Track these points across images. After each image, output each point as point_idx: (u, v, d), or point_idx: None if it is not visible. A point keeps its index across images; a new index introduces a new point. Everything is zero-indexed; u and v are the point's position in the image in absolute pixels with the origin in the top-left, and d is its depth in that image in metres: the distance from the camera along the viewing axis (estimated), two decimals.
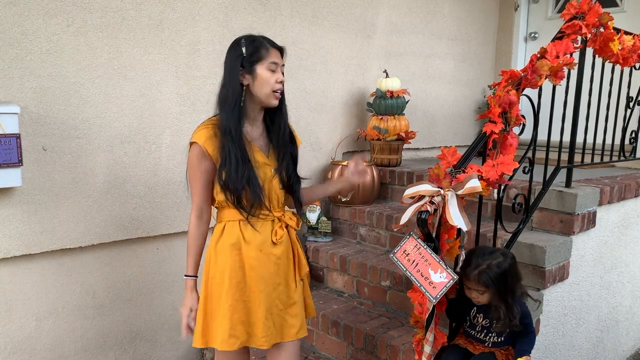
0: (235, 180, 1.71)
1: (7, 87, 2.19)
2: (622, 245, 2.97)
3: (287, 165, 1.83)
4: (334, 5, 3.33)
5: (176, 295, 2.86)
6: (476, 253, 1.86)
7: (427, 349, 1.83)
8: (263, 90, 1.75)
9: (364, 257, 2.89)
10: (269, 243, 1.82)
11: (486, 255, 1.82)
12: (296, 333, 1.88)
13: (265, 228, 1.82)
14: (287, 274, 1.87)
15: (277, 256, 1.83)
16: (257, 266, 1.80)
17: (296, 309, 1.89)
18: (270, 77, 1.74)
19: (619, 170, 3.47)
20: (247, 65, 1.75)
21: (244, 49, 1.76)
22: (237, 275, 1.79)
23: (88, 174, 2.45)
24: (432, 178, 1.84)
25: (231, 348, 1.78)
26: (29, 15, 2.21)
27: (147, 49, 2.56)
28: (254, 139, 1.82)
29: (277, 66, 1.76)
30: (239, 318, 1.79)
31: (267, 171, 1.80)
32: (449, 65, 4.20)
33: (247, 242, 1.79)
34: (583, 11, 2.29)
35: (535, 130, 2.29)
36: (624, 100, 2.94)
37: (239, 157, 1.72)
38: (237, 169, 1.71)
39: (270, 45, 1.77)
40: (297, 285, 1.90)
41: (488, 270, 1.78)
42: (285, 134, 1.85)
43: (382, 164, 3.48)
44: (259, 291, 1.80)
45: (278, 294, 1.84)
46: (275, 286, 1.83)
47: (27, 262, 2.36)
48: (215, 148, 1.74)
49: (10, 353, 2.36)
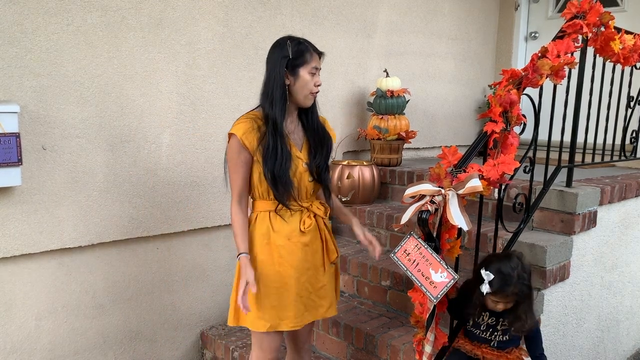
0: (279, 171, 1.85)
1: (7, 86, 2.19)
2: (623, 245, 2.97)
3: (319, 159, 1.96)
4: (334, 4, 3.33)
5: (176, 295, 2.85)
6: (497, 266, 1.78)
7: (427, 349, 1.83)
8: (303, 91, 1.90)
9: (364, 257, 2.88)
10: (297, 232, 1.95)
11: (504, 262, 1.80)
12: (324, 312, 2.04)
13: (294, 218, 1.96)
14: (315, 260, 1.99)
15: (305, 243, 1.96)
16: (286, 254, 1.93)
17: (324, 291, 2.03)
18: (310, 81, 1.90)
19: (619, 170, 3.46)
20: (291, 67, 1.87)
21: (290, 51, 1.87)
22: (266, 263, 1.93)
23: (88, 174, 2.44)
24: (433, 177, 1.83)
25: (260, 329, 1.94)
26: (28, 14, 2.20)
27: (147, 48, 2.55)
28: (290, 133, 1.95)
29: (317, 70, 1.91)
30: (269, 303, 1.93)
31: (299, 165, 1.93)
32: (450, 65, 4.19)
33: (275, 232, 1.94)
34: (584, 10, 2.29)
35: (536, 129, 2.28)
36: (624, 100, 2.94)
37: (281, 149, 1.86)
38: (280, 160, 1.85)
39: (313, 51, 1.92)
40: (327, 269, 2.03)
41: (519, 282, 1.77)
42: (319, 129, 2.00)
43: (382, 164, 3.47)
44: (288, 277, 1.94)
45: (307, 278, 1.98)
46: (304, 271, 1.96)
47: (26, 261, 2.35)
48: (254, 140, 1.86)
49: (9, 352, 2.35)
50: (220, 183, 2.88)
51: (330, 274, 2.07)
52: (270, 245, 1.94)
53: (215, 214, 2.89)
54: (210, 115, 2.81)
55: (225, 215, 2.93)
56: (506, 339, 1.86)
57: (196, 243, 2.89)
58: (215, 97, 2.83)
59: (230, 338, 2.84)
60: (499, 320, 1.85)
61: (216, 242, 2.97)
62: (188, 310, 2.92)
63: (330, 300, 2.06)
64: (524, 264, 1.82)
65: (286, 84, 1.88)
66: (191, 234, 2.85)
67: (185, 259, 2.86)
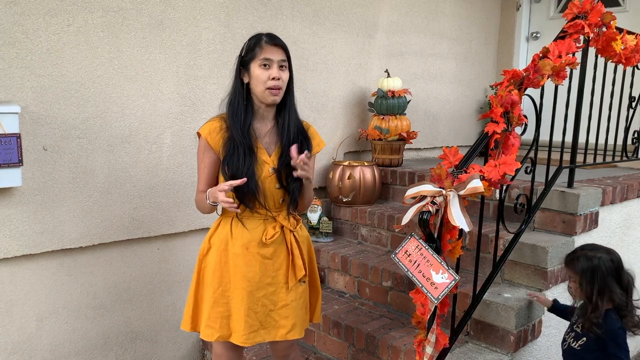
0: (240, 171, 1.74)
1: (8, 86, 2.19)
2: (625, 245, 2.96)
3: (289, 164, 1.76)
4: (335, 4, 3.33)
5: (176, 296, 2.85)
6: (582, 245, 1.95)
7: (428, 350, 1.82)
8: (258, 87, 1.77)
9: (365, 258, 2.88)
10: (257, 242, 1.82)
11: (587, 248, 1.90)
12: (285, 334, 1.87)
13: (257, 227, 1.83)
14: (278, 275, 1.85)
15: (265, 256, 1.83)
16: (240, 264, 1.82)
17: (288, 311, 1.87)
18: (262, 74, 1.75)
19: (621, 171, 3.46)
20: (244, 64, 1.79)
21: (243, 48, 1.80)
22: (220, 269, 1.83)
23: (88, 174, 2.44)
24: (434, 178, 1.83)
25: (208, 338, 1.84)
26: (29, 15, 2.20)
27: (147, 48, 2.55)
28: (261, 136, 1.84)
29: (272, 62, 1.75)
30: (219, 312, 1.83)
31: (264, 169, 1.81)
32: (451, 65, 4.19)
33: (233, 239, 1.82)
34: (585, 11, 2.28)
35: (538, 130, 2.28)
36: (626, 100, 2.93)
37: (244, 150, 1.75)
38: (243, 161, 1.74)
39: (266, 42, 1.77)
40: (292, 288, 1.87)
41: (579, 259, 1.84)
42: (291, 131, 1.84)
43: (383, 164, 3.47)
44: (241, 288, 1.82)
45: (266, 294, 1.84)
46: (263, 286, 1.83)
47: (27, 262, 2.35)
48: (220, 140, 1.79)
49: (10, 353, 2.35)
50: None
51: (297, 292, 1.89)
52: (227, 252, 1.83)
53: (216, 215, 2.89)
54: (211, 116, 2.80)
55: None
56: (576, 346, 1.82)
57: (197, 244, 2.89)
58: (216, 97, 2.82)
59: None
60: (578, 319, 1.88)
61: None
62: None
63: (293, 321, 1.87)
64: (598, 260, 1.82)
65: (244, 82, 1.81)
66: (192, 234, 2.85)
67: (186, 259, 2.86)
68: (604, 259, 1.82)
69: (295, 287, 1.88)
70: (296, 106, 1.90)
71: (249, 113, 1.80)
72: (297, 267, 1.87)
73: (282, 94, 1.80)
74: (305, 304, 1.95)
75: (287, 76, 1.81)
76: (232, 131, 1.78)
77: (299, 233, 1.92)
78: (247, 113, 1.80)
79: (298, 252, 1.88)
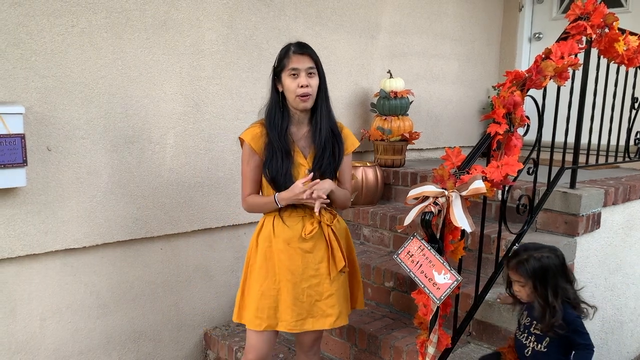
0: (279, 174, 1.91)
1: (12, 87, 2.20)
2: (627, 246, 2.96)
3: (322, 165, 1.95)
4: (337, 5, 3.33)
5: (179, 295, 2.86)
6: (524, 246, 1.88)
7: (430, 351, 1.83)
8: (289, 95, 1.92)
9: (367, 258, 2.88)
10: (297, 237, 1.97)
11: (531, 249, 1.83)
12: (333, 322, 2.02)
13: (297, 224, 1.98)
14: (320, 268, 1.99)
15: (306, 250, 1.98)
16: (284, 258, 1.97)
17: (334, 300, 2.00)
18: (291, 84, 1.90)
19: (623, 171, 3.45)
20: (277, 74, 1.95)
21: (276, 59, 1.95)
22: (266, 266, 1.99)
23: (92, 174, 2.45)
24: (436, 179, 1.84)
25: (256, 328, 2.00)
26: (34, 16, 2.22)
27: (151, 49, 2.56)
28: (297, 140, 1.98)
29: (300, 71, 1.89)
30: (267, 303, 1.98)
31: (301, 171, 1.95)
32: (453, 66, 4.19)
33: (276, 236, 1.98)
34: (588, 12, 2.28)
35: (540, 131, 2.27)
36: (628, 101, 2.93)
37: (282, 154, 1.92)
38: (281, 164, 1.90)
39: (294, 52, 1.91)
40: (334, 278, 2.01)
41: (527, 261, 1.77)
42: (323, 135, 1.97)
43: (385, 165, 3.47)
44: (286, 280, 1.97)
45: (311, 285, 1.98)
46: (307, 277, 1.98)
47: (31, 262, 2.36)
48: (262, 145, 1.96)
49: (14, 352, 2.36)
50: (224, 184, 2.88)
51: (339, 282, 2.03)
52: (272, 248, 1.99)
53: (219, 215, 2.90)
54: (215, 117, 2.82)
55: (229, 216, 2.94)
56: (540, 348, 1.78)
57: (200, 244, 2.90)
58: (219, 98, 2.83)
59: (233, 339, 2.84)
60: (532, 321, 1.82)
61: (220, 243, 2.98)
62: (192, 310, 2.93)
63: (339, 309, 2.02)
64: (547, 259, 1.77)
65: (279, 91, 1.96)
66: (195, 234, 2.86)
67: (189, 259, 2.87)
68: (552, 257, 1.78)
69: (337, 277, 2.02)
70: (331, 108, 2.03)
71: (285, 119, 1.96)
72: (337, 258, 2.00)
73: (312, 99, 1.94)
74: (346, 293, 2.09)
75: (316, 82, 1.94)
76: (270, 137, 1.93)
77: (337, 226, 2.04)
78: (284, 119, 1.95)
79: (337, 245, 2.00)
